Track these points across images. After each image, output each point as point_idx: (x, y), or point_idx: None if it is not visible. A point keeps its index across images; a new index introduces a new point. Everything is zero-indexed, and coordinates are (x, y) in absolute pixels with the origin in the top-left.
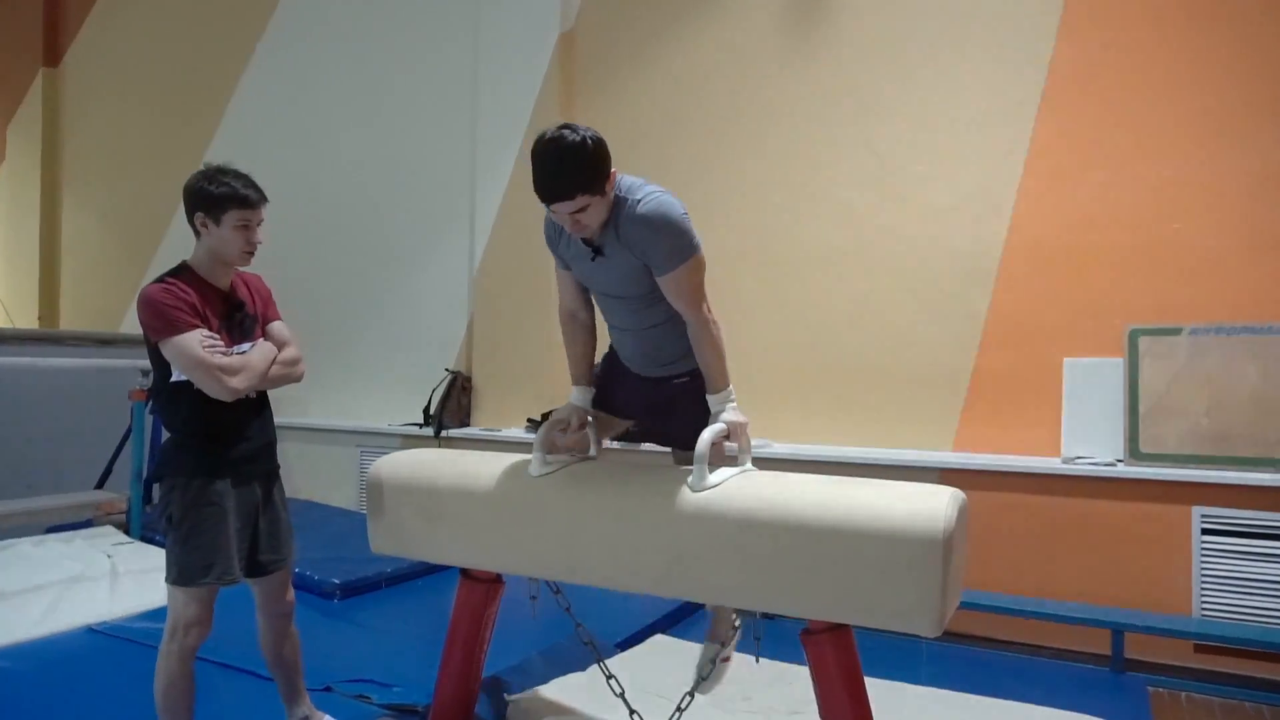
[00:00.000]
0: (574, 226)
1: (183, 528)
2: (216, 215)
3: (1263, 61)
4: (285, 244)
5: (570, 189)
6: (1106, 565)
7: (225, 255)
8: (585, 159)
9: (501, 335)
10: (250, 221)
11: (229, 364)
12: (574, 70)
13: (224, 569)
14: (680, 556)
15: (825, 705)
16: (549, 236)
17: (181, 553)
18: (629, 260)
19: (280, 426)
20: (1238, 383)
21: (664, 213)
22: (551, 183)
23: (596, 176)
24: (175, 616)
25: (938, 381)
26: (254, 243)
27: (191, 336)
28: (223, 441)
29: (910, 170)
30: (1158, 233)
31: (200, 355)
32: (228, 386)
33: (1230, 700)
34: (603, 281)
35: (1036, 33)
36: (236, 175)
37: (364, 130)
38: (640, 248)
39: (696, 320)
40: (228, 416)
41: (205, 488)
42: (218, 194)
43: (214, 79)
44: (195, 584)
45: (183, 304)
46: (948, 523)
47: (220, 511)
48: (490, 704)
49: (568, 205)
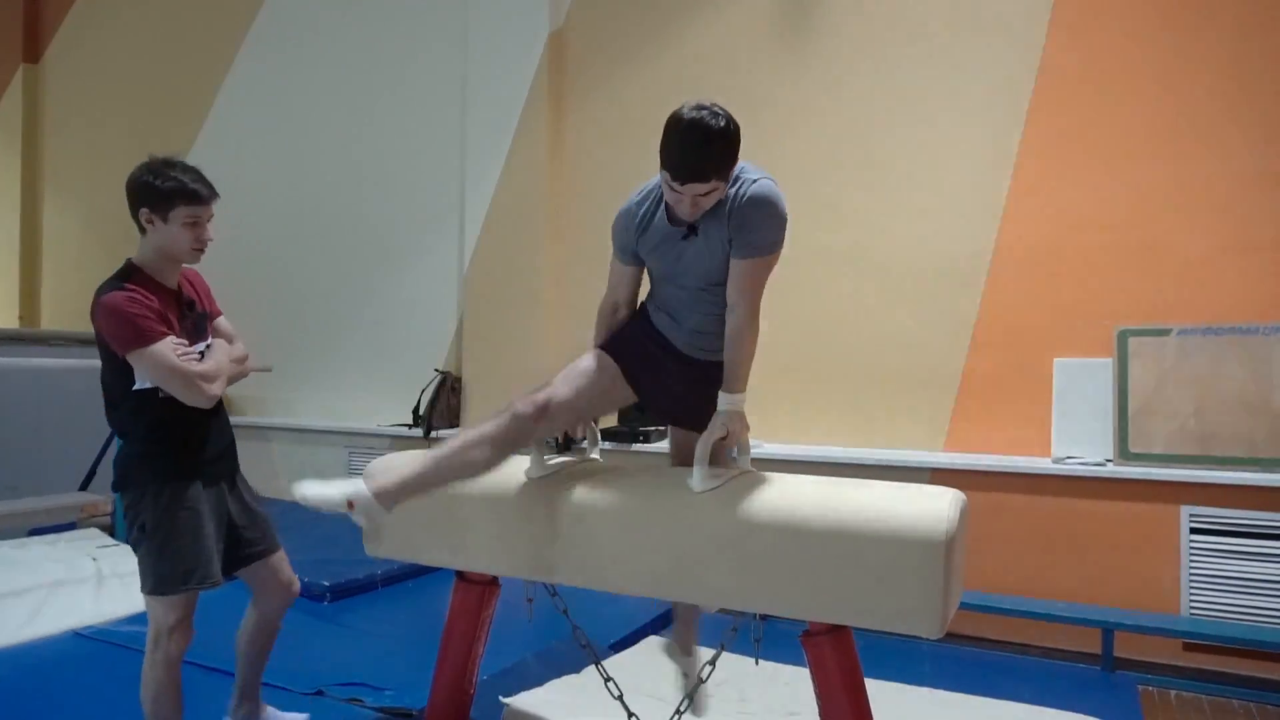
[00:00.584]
0: (692, 207)
1: (158, 536)
2: (164, 211)
3: (1248, 65)
4: (272, 244)
5: (709, 172)
6: (1096, 565)
7: (174, 253)
8: (728, 144)
9: (491, 335)
10: (200, 218)
11: (206, 370)
12: (564, 69)
13: (204, 573)
14: (680, 558)
15: (825, 707)
16: (624, 226)
17: (158, 561)
18: (721, 240)
19: (267, 427)
20: (1225, 383)
21: (777, 199)
22: (693, 163)
23: (732, 163)
24: (157, 625)
25: (928, 382)
26: (204, 240)
27: (164, 345)
28: (192, 446)
29: (900, 171)
30: (1146, 234)
31: (177, 364)
32: (207, 393)
33: (1219, 698)
34: (684, 264)
35: (1025, 36)
36: (185, 169)
37: (352, 129)
38: (740, 225)
39: (748, 313)
40: (193, 421)
41: (178, 493)
42: (165, 189)
43: (198, 77)
44: (175, 591)
45: (150, 312)
46: (950, 524)
47: (195, 515)
48: (484, 707)
49: (702, 187)
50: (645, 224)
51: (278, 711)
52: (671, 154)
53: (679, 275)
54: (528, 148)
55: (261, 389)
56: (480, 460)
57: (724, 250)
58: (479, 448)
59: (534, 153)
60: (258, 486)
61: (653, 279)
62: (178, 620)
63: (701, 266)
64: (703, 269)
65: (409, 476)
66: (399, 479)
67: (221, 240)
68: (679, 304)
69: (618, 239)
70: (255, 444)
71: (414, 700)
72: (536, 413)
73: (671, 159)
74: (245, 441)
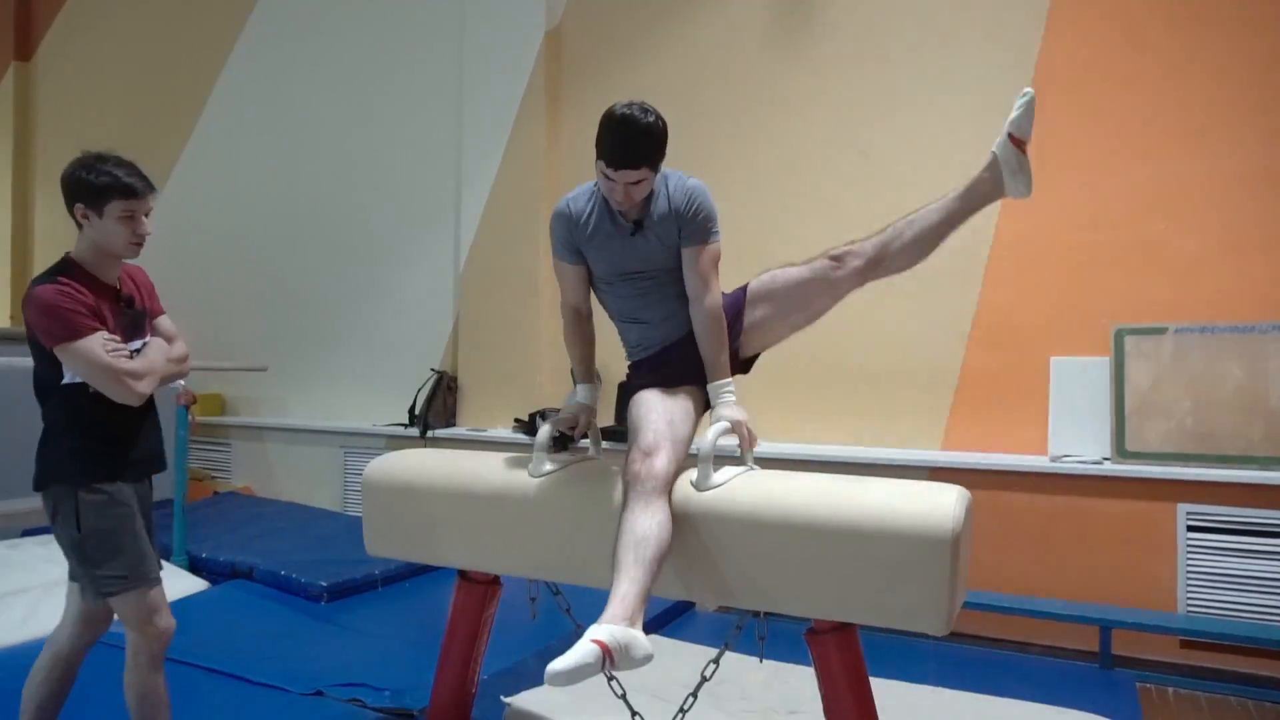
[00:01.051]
0: (624, 196)
1: (93, 537)
2: (98, 206)
3: (1244, 64)
4: (266, 244)
5: (640, 160)
6: (1093, 562)
7: (110, 248)
8: (657, 137)
9: (488, 335)
10: (136, 212)
11: (135, 368)
12: (560, 68)
13: (147, 568)
14: (686, 556)
15: (830, 705)
16: (564, 227)
17: (97, 562)
18: (667, 232)
19: (261, 428)
20: (1221, 381)
21: (705, 192)
22: (626, 150)
23: (660, 155)
24: (128, 629)
25: (926, 381)
26: (141, 234)
27: (94, 340)
28: (123, 443)
29: (897, 170)
30: (1143, 233)
31: (106, 360)
32: (135, 391)
33: (1216, 695)
34: (634, 258)
35: (1022, 34)
36: (119, 163)
37: (347, 128)
38: (686, 215)
39: (710, 302)
40: (123, 418)
41: (111, 492)
42: (98, 184)
43: (192, 75)
44: (121, 592)
45: (81, 306)
46: (956, 522)
47: (130, 513)
48: (485, 707)
49: (633, 174)
50: (588, 221)
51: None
52: (606, 144)
53: (626, 264)
54: (524, 147)
55: (255, 389)
56: (663, 525)
57: (669, 241)
58: (649, 518)
59: (530, 152)
60: (256, 488)
61: (603, 288)
62: (144, 617)
63: (647, 255)
64: (649, 257)
65: (633, 596)
66: (629, 607)
67: (216, 239)
68: (637, 304)
69: (558, 237)
70: (249, 444)
71: (414, 700)
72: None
73: (606, 148)
74: (239, 442)
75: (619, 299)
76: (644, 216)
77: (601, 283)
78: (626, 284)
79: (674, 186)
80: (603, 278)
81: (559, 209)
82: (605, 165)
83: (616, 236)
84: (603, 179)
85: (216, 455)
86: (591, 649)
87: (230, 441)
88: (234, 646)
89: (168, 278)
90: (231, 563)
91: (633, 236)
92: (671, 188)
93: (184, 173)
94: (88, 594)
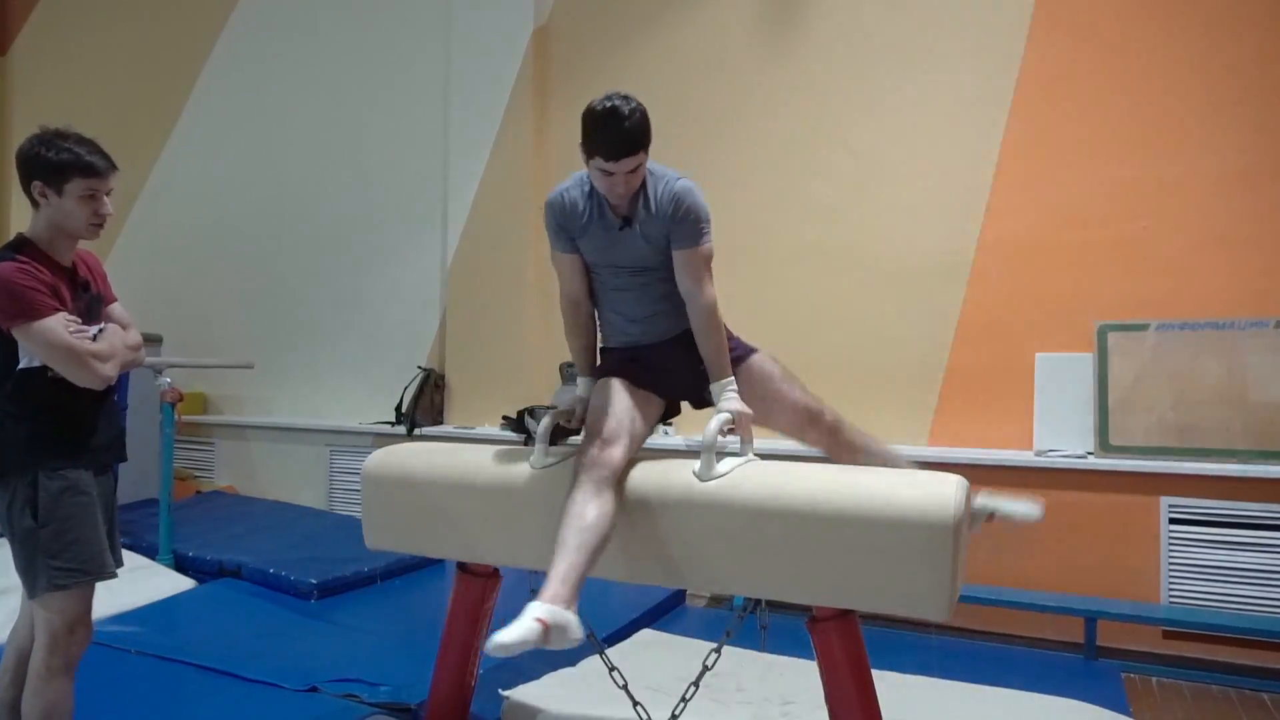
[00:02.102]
0: (624, 186)
1: (51, 524)
2: (58, 184)
3: (1222, 66)
4: (250, 240)
5: (635, 145)
6: (1078, 555)
7: (69, 228)
8: (644, 120)
9: (475, 332)
10: (98, 191)
11: (100, 350)
12: (548, 65)
13: (101, 563)
14: (690, 546)
15: (831, 692)
16: (559, 219)
17: (54, 552)
18: (655, 230)
19: (245, 426)
20: (1202, 377)
21: (694, 192)
22: (623, 140)
23: (649, 138)
24: (53, 627)
25: (913, 376)
26: (102, 215)
27: (56, 320)
28: (83, 431)
29: (886, 169)
30: (1125, 231)
31: (70, 341)
32: (100, 374)
33: (1198, 684)
34: (623, 254)
35: (1007, 37)
36: (80, 140)
37: (333, 123)
38: (676, 217)
39: (705, 299)
40: (84, 404)
41: (70, 479)
42: (58, 161)
43: (173, 69)
44: (76, 584)
45: (41, 285)
46: (958, 508)
47: (90, 501)
48: (482, 700)
49: (631, 161)
50: (582, 213)
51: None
52: (599, 139)
53: (615, 259)
54: (512, 143)
55: (239, 387)
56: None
57: (659, 239)
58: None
59: (518, 148)
60: (239, 487)
61: (594, 277)
62: (78, 616)
63: (635, 253)
64: (636, 255)
65: (573, 580)
66: (569, 589)
67: (198, 235)
68: (624, 298)
69: (553, 226)
70: (233, 444)
71: (411, 695)
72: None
73: (600, 143)
74: (223, 441)
75: (605, 289)
76: (633, 214)
77: (591, 268)
78: (613, 276)
79: (662, 190)
80: (592, 265)
81: (552, 199)
82: (603, 160)
83: (606, 230)
84: (600, 176)
85: (199, 455)
86: (534, 626)
87: (213, 441)
88: (225, 644)
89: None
90: (219, 561)
91: (621, 232)
92: (660, 190)
93: (166, 168)
94: (38, 585)
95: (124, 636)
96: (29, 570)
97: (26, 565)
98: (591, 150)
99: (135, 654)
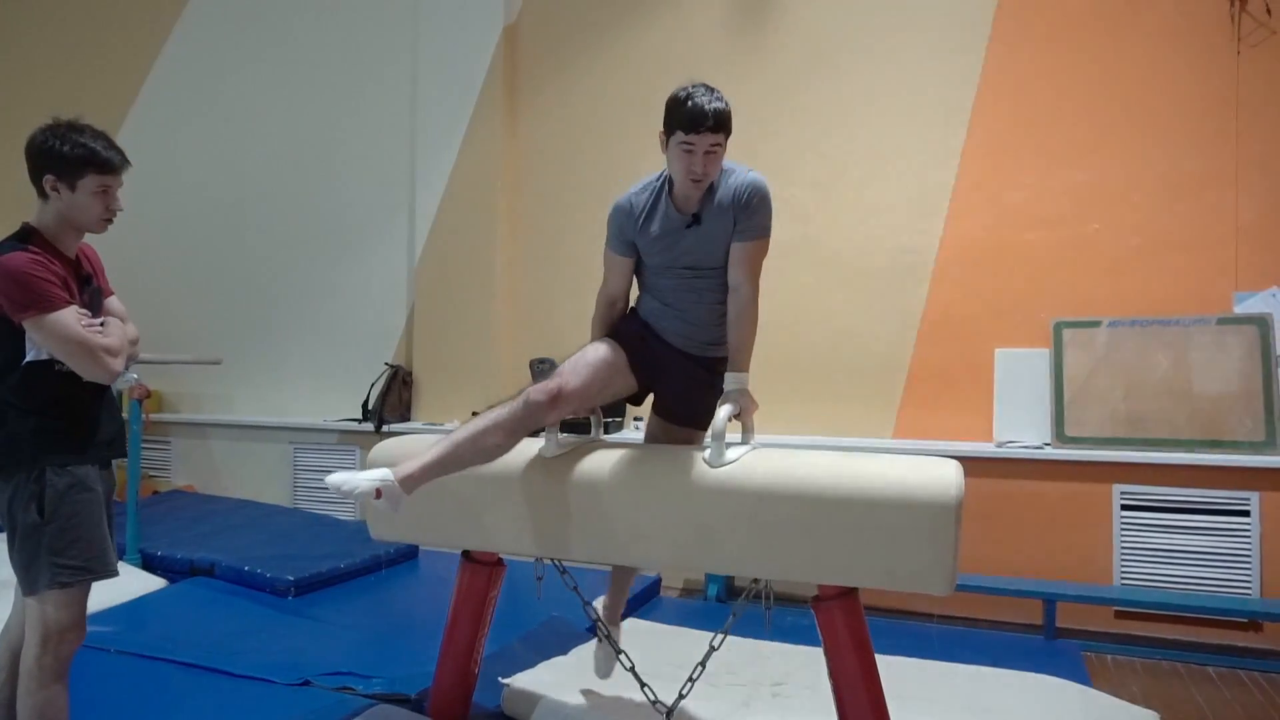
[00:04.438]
0: (703, 169)
1: (56, 520)
2: (71, 179)
3: (1170, 75)
4: (209, 233)
5: (720, 123)
6: (1036, 541)
7: (80, 223)
8: (728, 108)
9: (444, 328)
10: (110, 187)
11: (111, 344)
12: (518, 63)
13: (104, 561)
14: (703, 531)
15: (835, 669)
16: (621, 220)
17: (59, 549)
18: (723, 226)
19: (205, 424)
20: (1151, 370)
21: (767, 187)
22: (706, 114)
23: (731, 128)
24: (47, 626)
25: (878, 371)
26: (114, 210)
27: (69, 313)
28: (89, 424)
29: (852, 171)
30: (1079, 232)
31: (82, 334)
32: (110, 368)
33: (1150, 660)
34: (685, 253)
35: (968, 46)
36: (95, 134)
37: (296, 116)
38: (745, 208)
39: (752, 294)
40: (87, 399)
41: (78, 474)
42: (73, 155)
43: (129, 52)
44: (77, 582)
45: (54, 277)
46: (959, 489)
47: (96, 498)
48: (480, 689)
49: (716, 137)
50: (648, 214)
51: None
52: (683, 113)
53: (679, 258)
54: (482, 139)
55: (198, 384)
56: (494, 445)
57: (724, 236)
58: (493, 433)
59: (488, 145)
60: (199, 486)
61: (649, 271)
62: (74, 619)
63: (701, 251)
64: (702, 253)
65: (429, 462)
66: (420, 464)
67: (154, 228)
68: (676, 295)
69: (615, 230)
70: (192, 441)
71: (408, 686)
72: (550, 400)
73: (685, 117)
74: (180, 439)
75: (659, 287)
76: (702, 210)
77: (647, 265)
78: (672, 278)
79: (737, 178)
80: (650, 261)
81: (619, 203)
82: (685, 133)
83: (673, 229)
84: (680, 154)
85: (154, 454)
86: (372, 486)
87: (170, 439)
88: (207, 641)
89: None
90: (189, 560)
91: (688, 229)
92: (735, 179)
93: None
94: (39, 582)
95: (100, 636)
96: (31, 567)
97: (29, 562)
98: (673, 124)
99: (115, 653)
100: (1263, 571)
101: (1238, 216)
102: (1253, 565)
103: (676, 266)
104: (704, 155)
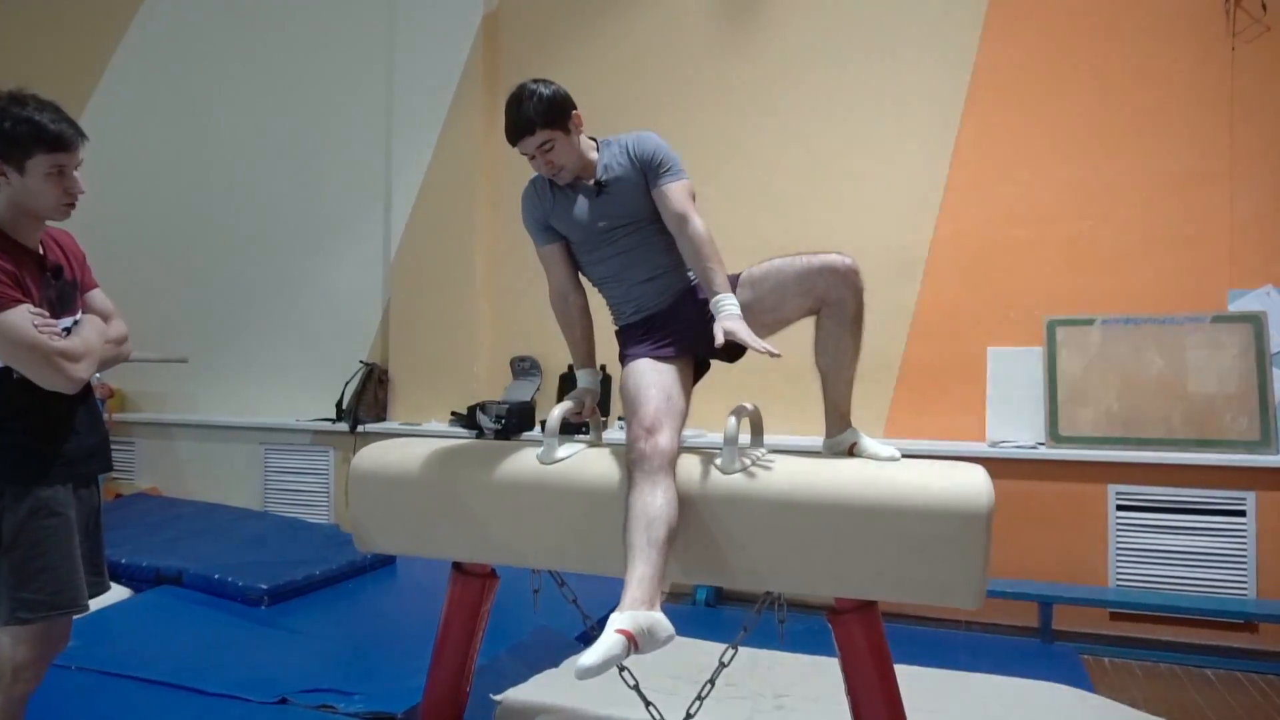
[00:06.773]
0: (548, 168)
1: (18, 549)
2: (19, 161)
3: (1163, 72)
4: (177, 227)
5: (530, 125)
6: (1030, 542)
7: (35, 209)
8: (542, 99)
9: (421, 326)
10: (66, 166)
11: (70, 348)
12: (498, 53)
13: (73, 595)
14: (715, 540)
15: (853, 685)
16: (532, 213)
17: (20, 581)
18: (629, 184)
19: (171, 424)
20: (1144, 369)
21: (656, 136)
22: (515, 122)
23: (555, 114)
24: (2, 663)
25: (868, 370)
26: (74, 192)
27: (19, 313)
28: (57, 438)
29: (843, 167)
30: (1072, 229)
31: (35, 338)
32: (70, 376)
33: (1147, 662)
34: (603, 214)
35: (960, 42)
36: (41, 105)
37: (267, 107)
38: (646, 160)
39: (693, 229)
40: (57, 408)
41: (43, 496)
42: (18, 134)
43: (89, 38)
44: (41, 618)
45: (1, 274)
46: (990, 497)
47: (65, 523)
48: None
49: (532, 140)
50: (553, 191)
51: None
52: (506, 128)
53: (599, 221)
54: (460, 131)
55: (162, 383)
56: (671, 504)
57: (635, 189)
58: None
59: (466, 138)
60: (164, 489)
61: (586, 263)
62: (31, 657)
63: (619, 208)
64: (621, 210)
65: (650, 579)
66: (647, 591)
67: (117, 223)
68: (619, 263)
69: (529, 219)
70: (155, 443)
71: (394, 703)
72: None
73: (507, 132)
74: (144, 440)
75: (601, 263)
76: (599, 179)
77: (581, 252)
78: (605, 244)
79: (622, 140)
80: (581, 245)
81: (525, 191)
82: (511, 145)
83: (583, 198)
84: (530, 161)
85: (118, 455)
86: (618, 639)
87: (133, 440)
88: (176, 656)
89: None
90: (155, 568)
91: (599, 197)
92: (621, 141)
93: None
94: None
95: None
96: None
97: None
98: None
99: (77, 670)
100: (1259, 572)
101: (1232, 213)
102: (1248, 566)
103: (605, 232)
104: (542, 156)
